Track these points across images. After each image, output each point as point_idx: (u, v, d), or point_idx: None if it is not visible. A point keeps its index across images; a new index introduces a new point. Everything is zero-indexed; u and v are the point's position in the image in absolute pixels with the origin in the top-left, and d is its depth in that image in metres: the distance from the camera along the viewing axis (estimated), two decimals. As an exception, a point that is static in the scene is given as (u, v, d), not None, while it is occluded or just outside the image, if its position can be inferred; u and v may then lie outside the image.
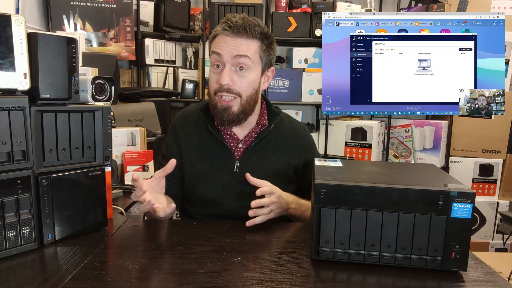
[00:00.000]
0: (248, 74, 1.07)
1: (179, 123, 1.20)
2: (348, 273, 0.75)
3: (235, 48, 1.04)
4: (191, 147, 1.15)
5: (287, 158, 1.17)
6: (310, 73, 2.55)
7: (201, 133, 1.16)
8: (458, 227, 0.73)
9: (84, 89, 0.94)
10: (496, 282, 0.73)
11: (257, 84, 1.10)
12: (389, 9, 2.78)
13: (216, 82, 1.07)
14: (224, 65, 1.05)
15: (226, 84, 1.05)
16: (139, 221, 1.04)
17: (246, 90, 1.08)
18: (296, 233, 0.96)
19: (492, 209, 2.51)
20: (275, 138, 1.17)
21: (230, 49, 1.04)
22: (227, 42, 1.05)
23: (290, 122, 1.23)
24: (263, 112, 1.18)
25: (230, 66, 1.05)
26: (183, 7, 2.58)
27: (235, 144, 1.15)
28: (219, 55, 1.05)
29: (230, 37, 1.04)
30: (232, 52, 1.04)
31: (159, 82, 2.64)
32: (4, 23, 0.76)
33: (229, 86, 1.05)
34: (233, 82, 1.06)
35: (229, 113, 1.07)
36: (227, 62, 1.05)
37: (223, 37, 1.05)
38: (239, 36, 1.04)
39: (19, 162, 0.80)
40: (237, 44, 1.04)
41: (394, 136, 2.57)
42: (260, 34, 1.07)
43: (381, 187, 0.74)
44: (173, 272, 0.75)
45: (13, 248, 0.80)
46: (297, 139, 1.20)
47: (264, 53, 1.09)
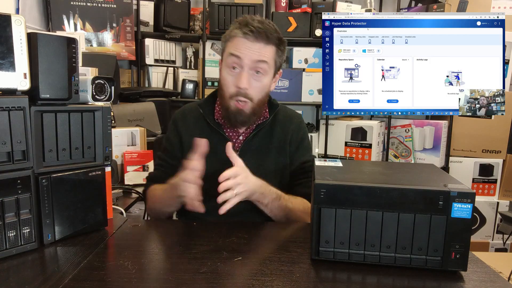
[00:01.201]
0: (263, 78, 1.09)
1: (180, 118, 1.21)
2: (348, 273, 0.75)
3: (256, 53, 1.05)
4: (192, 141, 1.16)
5: (283, 145, 1.19)
6: (310, 73, 2.55)
7: (202, 127, 1.18)
8: (458, 227, 0.73)
9: (84, 89, 0.94)
10: (496, 282, 0.73)
11: (268, 87, 1.13)
12: (389, 9, 2.78)
13: (233, 85, 1.08)
14: (242, 68, 1.06)
15: (245, 88, 1.06)
16: (139, 221, 1.04)
17: (259, 94, 1.10)
18: (296, 233, 0.96)
19: (492, 209, 2.51)
20: (271, 127, 1.20)
21: (251, 54, 1.05)
22: (247, 46, 1.05)
23: (285, 112, 1.25)
24: (265, 106, 1.20)
25: (248, 69, 1.06)
26: (183, 7, 2.58)
27: (236, 136, 1.18)
28: (239, 58, 1.06)
29: (251, 42, 1.05)
30: (253, 57, 1.05)
31: (159, 82, 2.64)
32: (4, 23, 0.76)
33: (247, 90, 1.07)
34: (250, 86, 1.07)
35: (243, 116, 1.10)
36: (246, 66, 1.06)
37: (243, 40, 1.06)
38: (259, 41, 1.05)
39: (19, 162, 0.80)
40: (257, 50, 1.06)
41: (394, 136, 2.57)
42: (277, 40, 1.09)
43: (381, 187, 0.74)
44: (173, 272, 0.75)
45: (13, 248, 0.80)
46: (290, 126, 1.22)
47: (279, 57, 1.12)
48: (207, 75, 2.55)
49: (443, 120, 2.50)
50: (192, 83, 2.63)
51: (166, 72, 2.65)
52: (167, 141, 1.22)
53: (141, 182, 1.58)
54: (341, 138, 2.55)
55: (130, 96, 2.22)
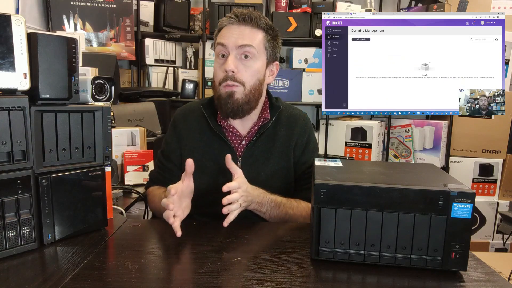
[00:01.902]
0: (252, 63, 1.07)
1: (180, 119, 1.19)
2: (348, 273, 0.75)
3: (240, 37, 1.05)
4: (192, 145, 1.15)
5: (287, 149, 1.16)
6: (310, 73, 2.55)
7: (203, 130, 1.15)
8: (458, 227, 0.73)
9: (84, 89, 0.94)
10: (496, 282, 0.73)
11: (261, 75, 1.10)
12: (389, 9, 2.78)
13: (222, 71, 1.07)
14: (229, 53, 1.06)
15: (231, 70, 1.05)
16: (139, 221, 1.04)
17: (250, 79, 1.07)
18: (296, 233, 0.96)
19: (492, 209, 2.51)
20: (275, 129, 1.17)
21: (235, 38, 1.05)
22: (232, 31, 1.06)
23: (289, 111, 1.21)
24: (266, 106, 1.18)
25: (235, 54, 1.06)
26: (183, 7, 2.58)
27: (238, 141, 1.15)
28: (224, 46, 1.06)
29: (236, 25, 1.06)
30: (237, 41, 1.05)
31: (159, 82, 2.64)
32: (4, 23, 0.76)
33: (234, 73, 1.05)
34: (238, 70, 1.06)
35: (233, 100, 1.06)
36: (232, 50, 1.06)
37: (228, 27, 1.07)
38: (244, 24, 1.06)
39: (19, 162, 0.80)
40: (242, 33, 1.06)
41: (394, 136, 2.57)
42: (265, 25, 1.09)
43: (381, 187, 0.74)
44: (173, 272, 0.75)
45: (13, 248, 0.80)
46: (296, 127, 1.19)
47: (269, 43, 1.11)
48: (207, 75, 2.55)
49: (443, 120, 2.50)
50: (192, 83, 2.63)
51: (166, 72, 2.65)
52: (165, 144, 1.21)
53: (141, 182, 1.58)
54: (341, 138, 2.55)
55: (130, 96, 2.22)
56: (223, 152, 1.11)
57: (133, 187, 1.52)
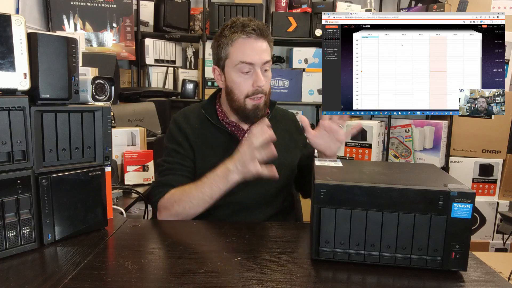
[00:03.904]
0: (269, 73, 1.17)
1: (182, 120, 1.20)
2: (348, 273, 0.75)
3: (263, 53, 1.12)
4: (200, 140, 1.17)
5: (288, 142, 1.24)
6: (310, 73, 2.55)
7: (206, 127, 1.19)
8: (458, 227, 0.73)
9: (84, 89, 0.94)
10: (496, 282, 0.73)
11: None
12: (389, 9, 2.78)
13: (249, 85, 1.13)
14: (255, 70, 1.12)
15: (263, 86, 1.12)
16: (139, 221, 1.04)
17: (268, 87, 1.18)
18: (296, 233, 0.96)
19: (492, 209, 2.51)
20: (274, 124, 1.18)
21: (259, 56, 1.11)
22: (253, 47, 1.11)
23: (280, 110, 1.33)
24: None
25: (260, 69, 1.13)
26: (183, 7, 2.58)
27: (241, 134, 1.20)
28: (251, 65, 1.11)
29: (253, 40, 1.11)
30: (262, 59, 1.12)
31: (159, 82, 2.64)
32: (4, 23, 0.76)
33: (263, 86, 1.14)
34: (264, 83, 1.14)
35: (260, 109, 1.15)
36: (258, 67, 1.12)
37: (248, 42, 1.11)
38: (262, 38, 1.12)
39: (19, 162, 0.80)
40: (261, 48, 1.12)
41: (394, 136, 2.57)
42: (271, 37, 1.17)
43: (381, 187, 0.74)
44: (173, 272, 0.75)
45: (13, 248, 0.80)
46: (291, 123, 1.31)
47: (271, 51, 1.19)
48: (207, 75, 2.55)
49: (443, 120, 2.50)
50: (192, 83, 2.63)
51: (166, 72, 2.65)
52: (175, 143, 1.17)
53: (141, 182, 1.58)
54: (341, 138, 2.54)
55: (130, 96, 2.22)
56: (230, 145, 1.15)
57: (133, 187, 1.52)
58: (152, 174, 1.59)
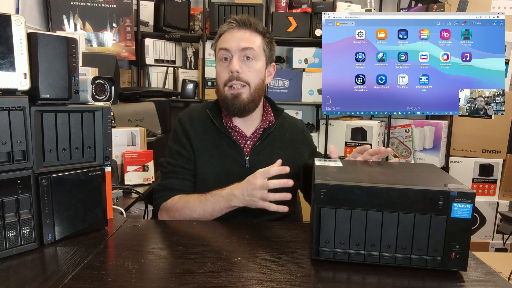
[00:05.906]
0: (255, 63, 1.14)
1: (186, 120, 1.20)
2: (348, 273, 0.75)
3: (242, 40, 1.11)
4: (202, 144, 1.16)
5: (293, 152, 1.22)
6: (310, 73, 2.55)
7: (210, 131, 1.18)
8: (458, 227, 0.73)
9: (84, 89, 0.94)
10: (496, 282, 0.73)
11: (263, 74, 1.17)
12: (389, 9, 2.78)
13: (226, 72, 1.12)
14: (232, 56, 1.12)
15: (236, 71, 1.10)
16: (139, 221, 1.04)
17: (254, 79, 1.14)
18: (296, 233, 0.96)
19: (492, 209, 2.51)
20: (280, 133, 1.22)
21: (237, 42, 1.11)
22: (233, 35, 1.12)
23: (289, 118, 1.31)
24: (268, 110, 1.24)
25: (238, 56, 1.12)
26: (183, 7, 2.58)
27: (243, 141, 1.18)
28: (227, 50, 1.11)
29: (236, 30, 1.12)
30: (240, 44, 1.11)
31: (159, 82, 2.64)
32: (4, 23, 0.76)
33: (239, 73, 1.11)
34: (242, 70, 1.11)
35: (240, 100, 1.12)
36: (235, 53, 1.11)
37: (229, 32, 1.13)
38: (244, 28, 1.12)
39: (19, 162, 0.80)
40: (242, 37, 1.12)
41: (394, 136, 2.57)
42: (262, 29, 1.16)
43: (381, 187, 0.74)
44: (173, 272, 0.75)
45: (13, 248, 0.80)
46: (299, 133, 1.28)
47: (267, 46, 1.17)
48: (207, 75, 2.55)
49: (443, 120, 2.50)
50: (192, 83, 2.63)
51: (166, 72, 2.65)
52: (178, 145, 1.17)
53: (141, 182, 1.57)
54: (341, 138, 2.55)
55: (130, 96, 2.21)
56: (231, 150, 1.15)
57: (133, 187, 1.52)
58: (152, 174, 1.59)
